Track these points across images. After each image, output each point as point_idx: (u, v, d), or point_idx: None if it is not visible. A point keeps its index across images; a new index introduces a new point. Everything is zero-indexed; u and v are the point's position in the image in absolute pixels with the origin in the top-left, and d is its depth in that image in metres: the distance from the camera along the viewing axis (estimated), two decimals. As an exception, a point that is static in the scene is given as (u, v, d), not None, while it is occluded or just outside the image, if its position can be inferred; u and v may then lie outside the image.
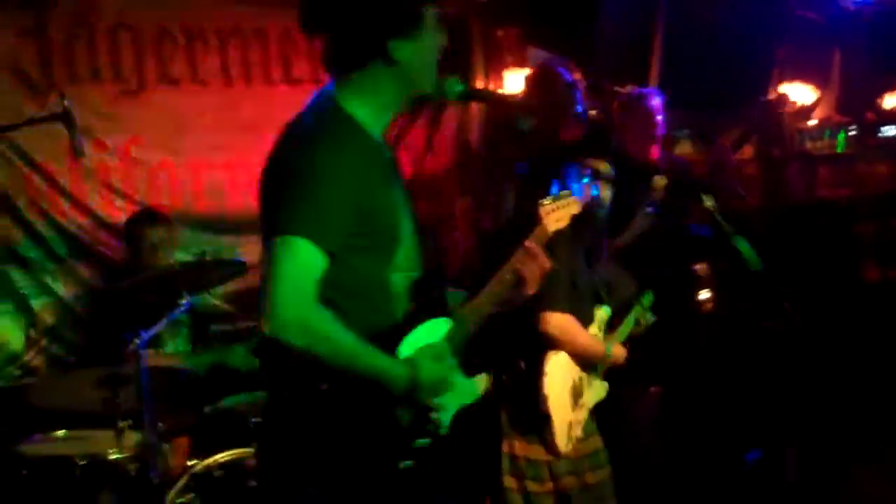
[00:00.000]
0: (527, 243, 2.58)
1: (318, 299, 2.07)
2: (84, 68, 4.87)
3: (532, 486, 3.34)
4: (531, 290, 2.57)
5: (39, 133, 4.45)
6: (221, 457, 3.81)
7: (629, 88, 6.10)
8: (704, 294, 4.94)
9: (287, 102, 5.40)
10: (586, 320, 3.50)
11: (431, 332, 2.35)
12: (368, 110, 2.28)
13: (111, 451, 3.69)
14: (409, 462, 2.25)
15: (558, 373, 3.35)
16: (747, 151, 7.43)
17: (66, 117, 3.89)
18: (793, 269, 5.33)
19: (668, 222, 4.52)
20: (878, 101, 9.08)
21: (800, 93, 8.23)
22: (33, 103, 4.66)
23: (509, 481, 3.34)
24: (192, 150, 5.18)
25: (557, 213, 2.77)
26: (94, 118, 4.76)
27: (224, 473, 3.77)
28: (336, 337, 2.07)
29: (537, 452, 3.34)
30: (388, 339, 2.22)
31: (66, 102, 3.89)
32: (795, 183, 7.69)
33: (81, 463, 3.66)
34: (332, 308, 2.09)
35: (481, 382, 2.58)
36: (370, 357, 2.14)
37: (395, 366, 2.17)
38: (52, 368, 4.72)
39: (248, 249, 5.10)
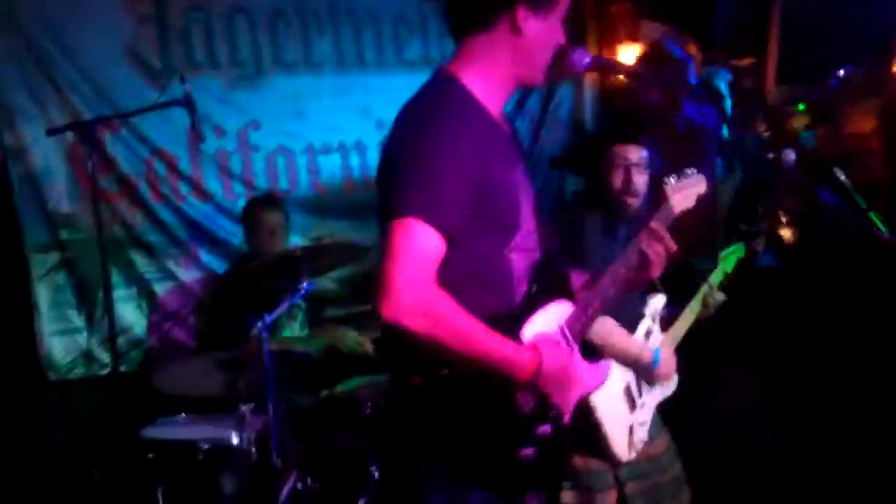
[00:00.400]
0: (652, 224, 2.48)
1: (437, 283, 2.02)
2: (202, 53, 4.88)
3: (595, 497, 3.21)
4: (656, 272, 2.48)
5: (160, 119, 4.52)
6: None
7: (746, 62, 5.91)
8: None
9: (400, 85, 5.39)
10: (629, 315, 3.31)
11: (554, 316, 2.28)
12: (486, 85, 2.23)
13: (233, 436, 3.72)
14: (529, 449, 2.19)
15: None
16: (869, 124, 7.08)
17: (187, 102, 3.94)
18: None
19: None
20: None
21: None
22: (153, 89, 4.68)
23: (567, 496, 3.19)
24: (308, 134, 5.18)
25: (684, 193, 2.64)
26: (212, 103, 4.75)
27: (341, 457, 3.74)
28: (456, 320, 2.02)
29: (597, 463, 3.20)
30: (510, 322, 2.16)
31: (186, 88, 3.94)
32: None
33: (204, 447, 3.71)
34: (451, 291, 2.04)
35: (606, 369, 2.49)
36: (491, 342, 2.08)
37: (518, 352, 2.11)
38: (173, 353, 4.77)
39: (364, 235, 5.10)
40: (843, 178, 3.46)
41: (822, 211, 4.05)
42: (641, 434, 3.26)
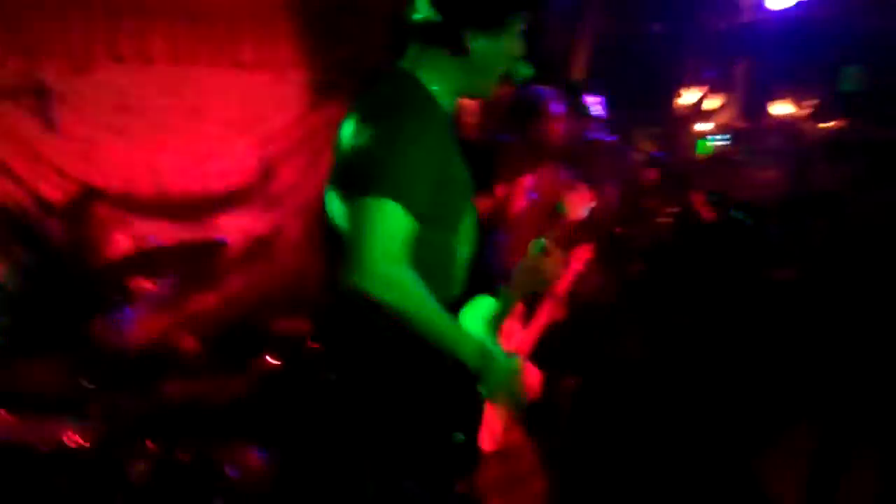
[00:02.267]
0: (548, 242, 2.64)
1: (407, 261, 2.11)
2: (32, 41, 4.64)
3: None
4: (552, 279, 2.65)
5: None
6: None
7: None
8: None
9: (231, 87, 5.35)
10: None
11: (483, 309, 2.39)
12: (438, 89, 2.33)
13: (75, 436, 3.57)
14: (461, 436, 2.28)
15: None
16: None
17: (41, 89, 3.79)
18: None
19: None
20: (768, 109, 9.57)
21: (704, 99, 8.59)
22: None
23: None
24: (135, 129, 5.03)
25: (578, 205, 2.83)
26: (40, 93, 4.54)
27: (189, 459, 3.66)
28: (421, 297, 2.11)
29: None
30: (451, 311, 2.26)
31: (41, 76, 3.78)
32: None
33: (43, 448, 3.55)
34: None
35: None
36: (451, 327, 2.20)
37: (470, 343, 2.21)
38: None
39: (182, 235, 5.01)
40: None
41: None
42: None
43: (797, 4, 6.68)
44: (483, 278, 2.49)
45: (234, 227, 5.34)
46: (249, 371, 4.10)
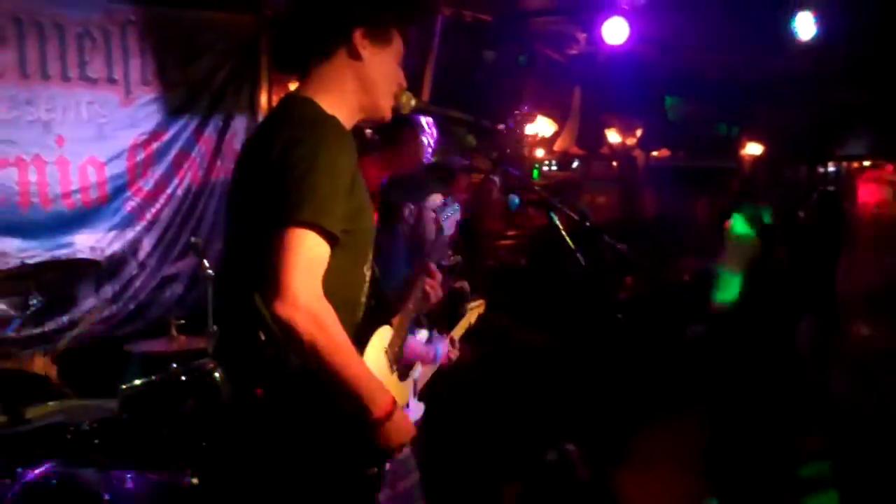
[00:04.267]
0: (430, 264, 2.75)
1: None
2: None
3: None
4: (433, 303, 2.76)
5: None
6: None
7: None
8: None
9: (82, 100, 5.23)
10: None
11: (382, 339, 2.45)
12: (339, 113, 2.35)
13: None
14: (374, 468, 2.31)
15: None
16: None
17: None
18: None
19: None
20: (604, 136, 10.01)
21: (541, 126, 8.89)
22: None
23: None
24: (-16, 144, 4.85)
25: (449, 221, 2.92)
26: None
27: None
28: (338, 336, 2.12)
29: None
30: (357, 340, 2.27)
31: None
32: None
33: None
34: None
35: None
36: (362, 369, 2.20)
37: (380, 391, 2.21)
38: None
39: (33, 254, 4.87)
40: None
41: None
42: None
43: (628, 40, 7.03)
44: (384, 306, 2.55)
45: (86, 245, 5.20)
46: (118, 393, 4.00)
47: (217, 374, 4.00)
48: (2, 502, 3.32)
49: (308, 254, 2.09)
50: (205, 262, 4.47)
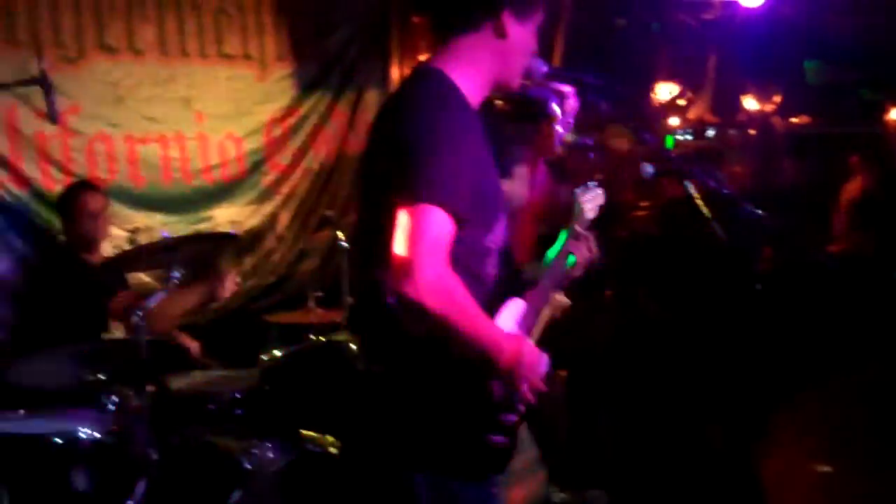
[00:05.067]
0: (577, 227, 2.70)
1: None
2: (23, 32, 4.61)
3: None
4: (579, 272, 2.71)
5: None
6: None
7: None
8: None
9: (220, 76, 5.35)
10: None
11: (513, 312, 2.42)
12: (469, 85, 2.32)
13: (87, 430, 3.56)
14: (499, 436, 2.29)
15: None
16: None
17: (42, 81, 3.74)
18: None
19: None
20: (741, 103, 9.72)
21: (675, 93, 8.69)
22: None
23: None
24: (128, 122, 5.01)
25: (591, 203, 2.86)
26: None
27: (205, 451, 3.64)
28: (466, 303, 2.12)
29: None
30: (487, 312, 2.24)
31: (42, 65, 3.75)
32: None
33: (56, 442, 3.52)
34: None
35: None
36: (489, 327, 2.20)
37: (508, 340, 2.22)
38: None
39: (178, 227, 5.01)
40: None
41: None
42: None
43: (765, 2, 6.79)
44: (516, 280, 2.52)
45: (225, 219, 5.33)
46: (257, 363, 4.09)
47: (352, 346, 4.06)
48: (147, 470, 3.43)
49: (433, 232, 2.07)
50: (339, 235, 4.52)
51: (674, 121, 9.29)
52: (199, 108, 5.24)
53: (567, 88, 3.67)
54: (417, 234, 2.06)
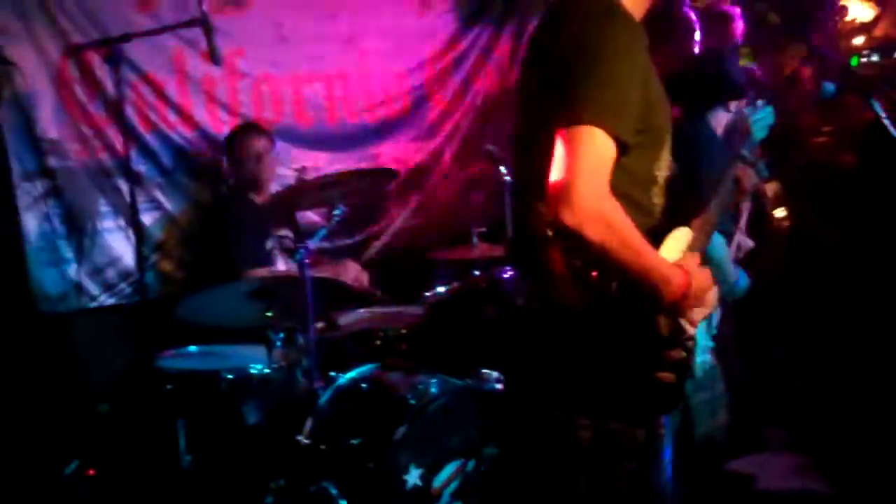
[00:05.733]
0: (745, 150, 2.53)
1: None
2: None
3: None
4: (743, 196, 2.55)
5: (146, 42, 4.33)
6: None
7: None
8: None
9: (382, 13, 5.31)
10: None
11: (679, 241, 2.27)
12: (632, 3, 2.19)
13: (258, 365, 3.65)
14: (665, 373, 2.17)
15: None
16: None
17: (204, 22, 3.80)
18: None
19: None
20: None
21: (858, 10, 8.13)
22: (140, 10, 4.51)
23: None
24: (292, 61, 5.04)
25: (761, 124, 2.69)
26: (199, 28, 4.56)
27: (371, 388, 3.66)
28: (628, 232, 2.00)
29: None
30: (651, 242, 2.12)
31: (203, 7, 3.79)
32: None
33: (227, 377, 3.63)
34: None
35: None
36: (653, 257, 2.07)
37: (673, 271, 2.08)
38: (166, 285, 4.64)
39: (341, 167, 5.02)
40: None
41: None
42: None
43: None
44: (682, 204, 2.38)
45: (391, 157, 5.33)
46: (422, 300, 4.08)
47: (515, 281, 3.99)
48: (315, 404, 3.48)
49: (595, 156, 1.95)
50: (502, 169, 4.44)
51: (858, 40, 8.73)
52: (361, 46, 5.21)
53: (734, 9, 3.47)
54: (576, 158, 1.94)
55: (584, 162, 1.94)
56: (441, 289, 4.11)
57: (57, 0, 4.32)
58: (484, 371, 3.60)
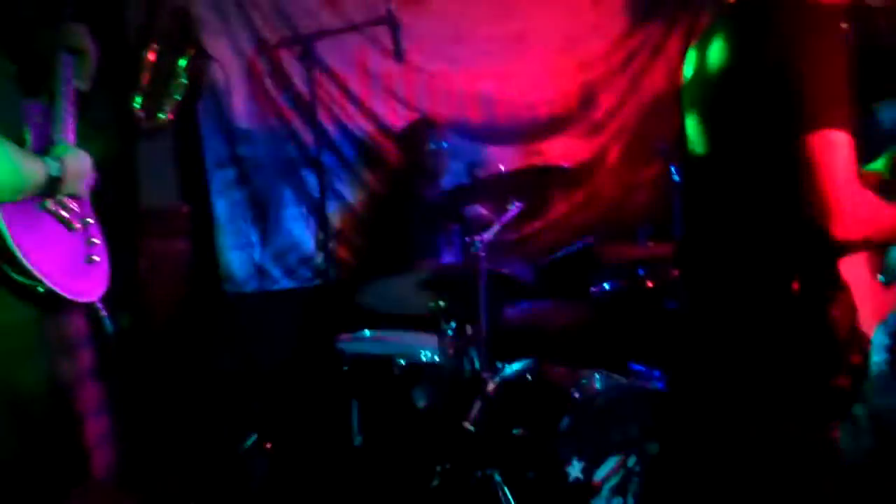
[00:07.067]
0: None
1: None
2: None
3: None
4: None
5: (331, 40, 4.54)
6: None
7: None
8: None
9: (554, 12, 5.39)
10: None
11: None
12: None
13: (430, 353, 3.80)
14: (843, 379, 2.16)
15: None
16: None
17: (391, 21, 3.97)
18: None
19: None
20: None
21: None
22: (325, 6, 4.73)
23: None
24: (466, 58, 5.19)
25: None
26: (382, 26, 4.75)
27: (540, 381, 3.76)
28: (887, 216, 2.04)
29: None
30: None
31: (390, 6, 3.97)
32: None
33: (400, 363, 3.79)
34: None
35: None
36: None
37: None
38: (342, 271, 4.85)
39: (510, 161, 5.13)
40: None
41: None
42: None
43: None
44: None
45: (558, 152, 5.41)
46: (586, 296, 4.16)
47: (676, 282, 4.02)
48: (482, 392, 3.61)
49: (840, 159, 1.94)
50: (672, 168, 4.45)
51: None
52: (532, 44, 5.32)
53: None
54: (828, 167, 1.94)
55: (833, 168, 1.94)
56: (606, 286, 4.18)
57: (250, -4, 4.58)
58: (646, 370, 3.66)
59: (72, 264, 2.38)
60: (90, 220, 2.50)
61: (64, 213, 2.37)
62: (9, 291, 2.21)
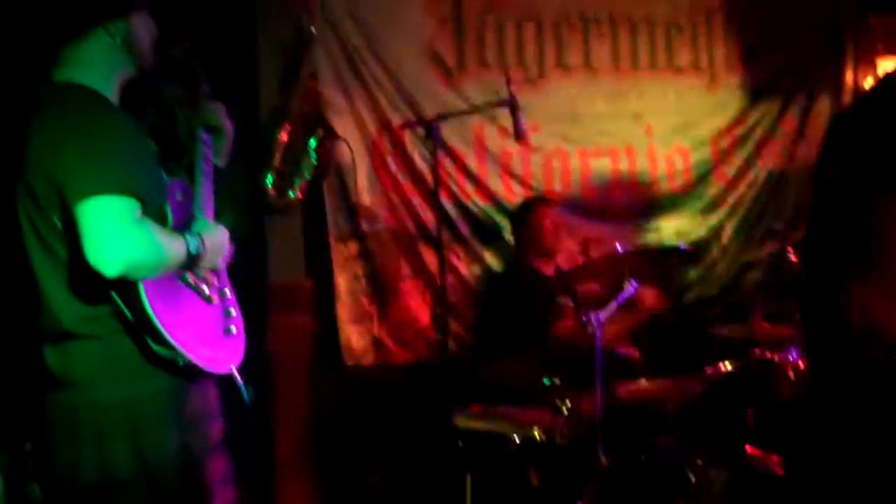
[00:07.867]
0: None
1: None
2: (492, 55, 5.05)
3: None
4: None
5: (450, 119, 4.68)
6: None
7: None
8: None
9: (671, 90, 5.47)
10: None
11: None
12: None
13: (545, 432, 3.83)
14: None
15: None
16: None
17: (511, 103, 4.11)
18: None
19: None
20: None
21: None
22: (447, 88, 4.90)
23: None
24: (582, 137, 5.29)
25: None
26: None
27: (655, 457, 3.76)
28: None
29: None
30: None
31: (510, 88, 4.10)
32: None
33: (516, 439, 3.83)
34: None
35: None
36: None
37: None
38: (456, 346, 4.94)
39: (624, 239, 5.16)
40: None
41: None
42: None
43: None
44: None
45: (672, 230, 5.44)
46: (702, 374, 4.16)
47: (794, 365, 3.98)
48: (596, 473, 3.63)
49: None
50: (787, 248, 4.45)
51: None
52: (648, 122, 5.40)
53: None
54: None
55: None
56: (721, 365, 4.17)
57: (372, 74, 4.78)
58: (764, 453, 3.63)
59: (210, 336, 2.46)
60: (227, 292, 2.60)
61: (203, 287, 2.47)
62: (148, 362, 2.31)
